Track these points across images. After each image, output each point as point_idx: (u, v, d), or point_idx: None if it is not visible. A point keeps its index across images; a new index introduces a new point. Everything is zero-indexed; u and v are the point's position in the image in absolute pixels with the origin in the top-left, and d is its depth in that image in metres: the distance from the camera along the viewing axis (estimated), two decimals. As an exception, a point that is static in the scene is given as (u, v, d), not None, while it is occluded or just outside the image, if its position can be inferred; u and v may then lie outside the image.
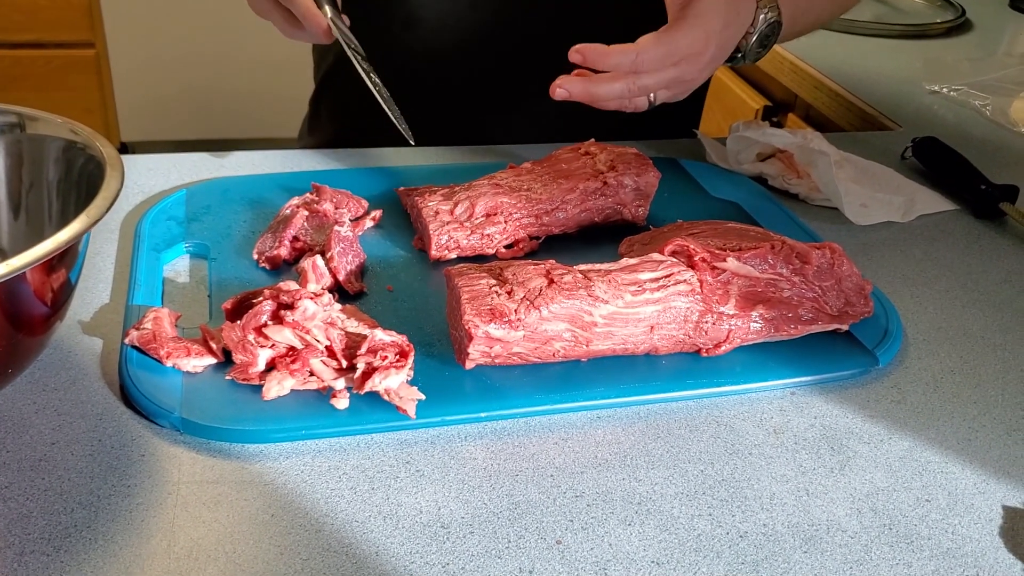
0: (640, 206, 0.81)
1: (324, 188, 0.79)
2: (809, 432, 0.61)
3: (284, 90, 2.77)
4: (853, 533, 0.54)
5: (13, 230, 0.66)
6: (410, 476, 0.56)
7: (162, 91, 2.75)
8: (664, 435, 0.60)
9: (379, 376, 0.58)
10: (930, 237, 0.87)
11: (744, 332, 0.65)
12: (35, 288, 0.54)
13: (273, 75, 2.76)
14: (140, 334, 0.62)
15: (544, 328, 0.61)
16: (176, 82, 2.75)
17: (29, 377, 0.61)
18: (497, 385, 0.62)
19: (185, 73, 2.74)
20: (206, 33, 2.68)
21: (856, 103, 1.20)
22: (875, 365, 0.67)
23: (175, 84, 2.75)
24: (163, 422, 0.58)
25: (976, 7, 1.62)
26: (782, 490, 0.57)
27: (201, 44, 2.70)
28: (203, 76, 2.75)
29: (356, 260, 0.72)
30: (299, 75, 2.73)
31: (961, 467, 0.60)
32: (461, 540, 0.52)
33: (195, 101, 2.79)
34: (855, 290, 0.69)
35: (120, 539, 0.50)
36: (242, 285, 0.70)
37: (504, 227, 0.76)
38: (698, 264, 0.65)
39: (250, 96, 2.79)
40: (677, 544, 0.52)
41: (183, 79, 2.75)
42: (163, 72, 2.72)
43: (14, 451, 0.55)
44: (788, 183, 0.91)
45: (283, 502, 0.53)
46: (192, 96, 2.78)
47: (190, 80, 2.75)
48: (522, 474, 0.56)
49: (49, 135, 0.65)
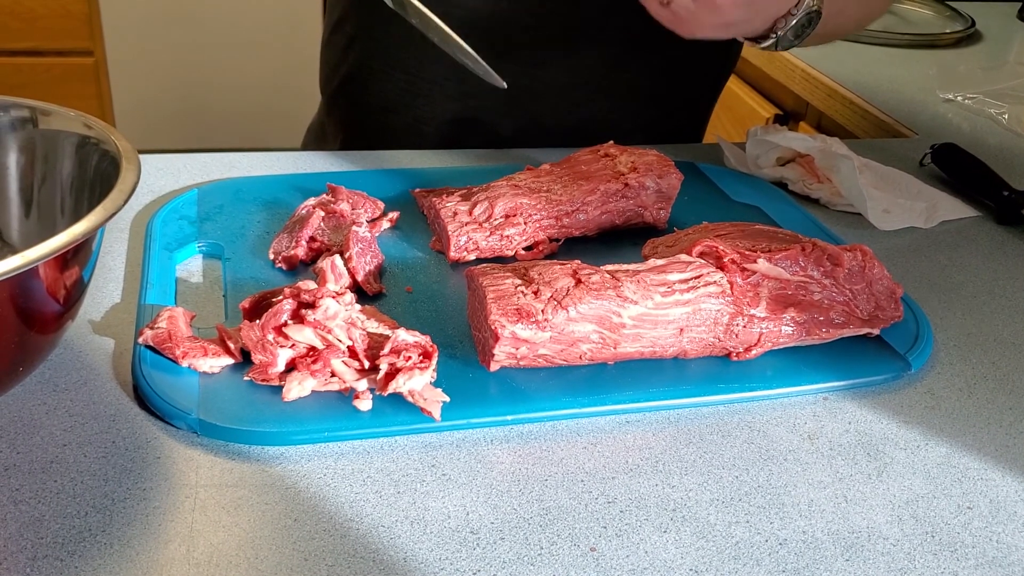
0: (662, 208, 0.80)
1: (340, 189, 0.77)
2: (844, 438, 0.60)
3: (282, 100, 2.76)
4: (895, 541, 0.52)
5: (24, 226, 0.64)
6: (436, 480, 0.54)
7: (161, 99, 2.73)
8: (696, 440, 0.58)
9: (403, 377, 0.56)
10: (953, 243, 0.85)
11: (775, 335, 0.64)
12: (48, 284, 0.52)
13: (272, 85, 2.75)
14: (155, 333, 0.60)
15: (571, 329, 0.60)
16: (175, 90, 2.73)
17: (39, 377, 0.59)
18: (522, 388, 0.60)
19: (184, 82, 2.72)
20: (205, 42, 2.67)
21: (871, 111, 1.19)
22: (907, 370, 0.65)
23: (174, 92, 2.73)
24: (179, 424, 0.56)
25: (984, 18, 1.61)
26: (820, 497, 0.55)
27: (200, 53, 2.69)
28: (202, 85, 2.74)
29: (375, 261, 0.70)
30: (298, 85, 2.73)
31: (1001, 474, 0.58)
32: (492, 546, 0.50)
33: (194, 110, 2.78)
34: (886, 294, 0.67)
35: (136, 544, 0.48)
36: (258, 285, 0.68)
37: (524, 228, 0.75)
38: (727, 266, 0.64)
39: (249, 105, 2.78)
40: (715, 552, 0.50)
41: (182, 87, 2.73)
42: (162, 80, 2.70)
43: (25, 452, 0.53)
44: (809, 188, 0.90)
45: (306, 506, 0.51)
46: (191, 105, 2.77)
47: (189, 89, 2.74)
48: (551, 479, 0.54)
49: (63, 130, 0.63)
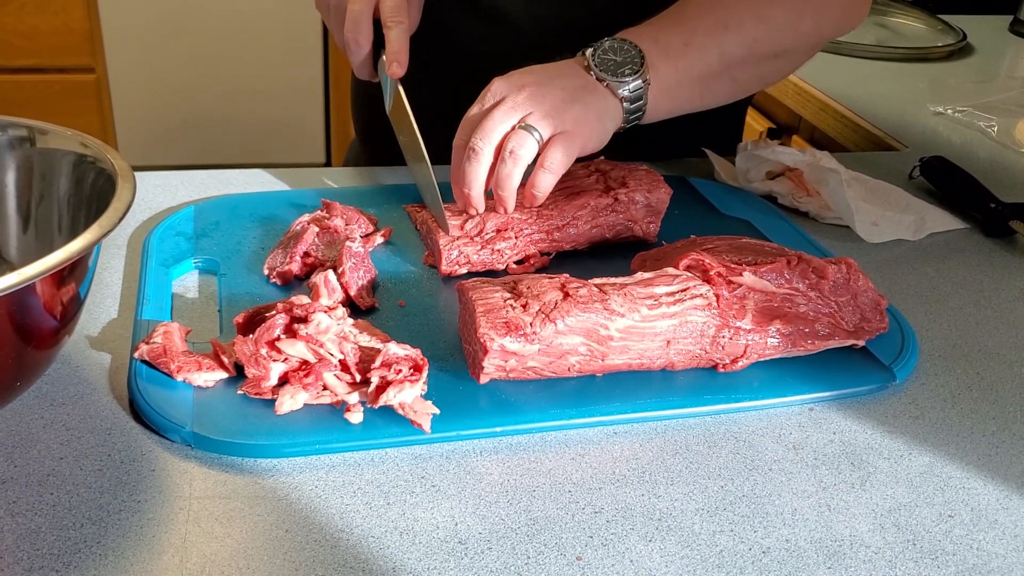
0: (651, 223, 0.81)
1: (334, 204, 0.79)
2: (828, 448, 0.61)
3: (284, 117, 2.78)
4: (877, 549, 0.53)
5: (22, 243, 0.65)
6: (426, 491, 0.55)
7: (162, 116, 2.75)
8: (682, 451, 0.59)
9: (393, 390, 0.57)
10: (941, 255, 0.86)
11: (761, 347, 0.65)
12: (45, 300, 0.53)
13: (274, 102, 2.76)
14: (150, 348, 0.61)
15: (560, 342, 0.61)
16: (176, 107, 2.75)
17: (37, 391, 0.60)
18: (512, 400, 0.61)
19: (185, 98, 2.74)
20: (207, 58, 2.68)
21: (862, 124, 1.20)
22: (892, 381, 0.66)
23: (175, 109, 2.75)
24: (174, 437, 0.57)
25: (976, 31, 1.63)
26: (803, 506, 0.56)
27: (202, 69, 2.70)
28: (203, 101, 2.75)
29: (368, 275, 0.71)
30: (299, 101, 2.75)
31: (983, 483, 0.59)
32: (480, 556, 0.50)
33: (195, 126, 2.79)
34: (871, 305, 0.68)
35: (131, 555, 0.49)
36: (253, 300, 0.69)
37: (515, 243, 0.76)
38: (714, 279, 0.65)
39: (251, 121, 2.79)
40: (700, 560, 0.51)
41: (183, 104, 2.75)
42: (163, 97, 2.72)
43: (22, 466, 0.54)
44: (798, 201, 0.91)
45: (297, 517, 0.52)
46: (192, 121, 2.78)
47: (190, 105, 2.75)
48: (539, 490, 0.55)
49: (60, 148, 0.64)
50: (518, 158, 0.71)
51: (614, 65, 0.75)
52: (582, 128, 0.73)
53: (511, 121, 0.71)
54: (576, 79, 0.75)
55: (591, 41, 0.77)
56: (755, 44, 0.81)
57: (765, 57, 0.83)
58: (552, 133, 0.71)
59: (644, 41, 0.77)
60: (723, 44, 0.79)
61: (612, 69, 0.75)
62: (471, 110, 0.73)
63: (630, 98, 0.76)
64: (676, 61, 0.78)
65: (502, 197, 0.73)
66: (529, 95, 0.72)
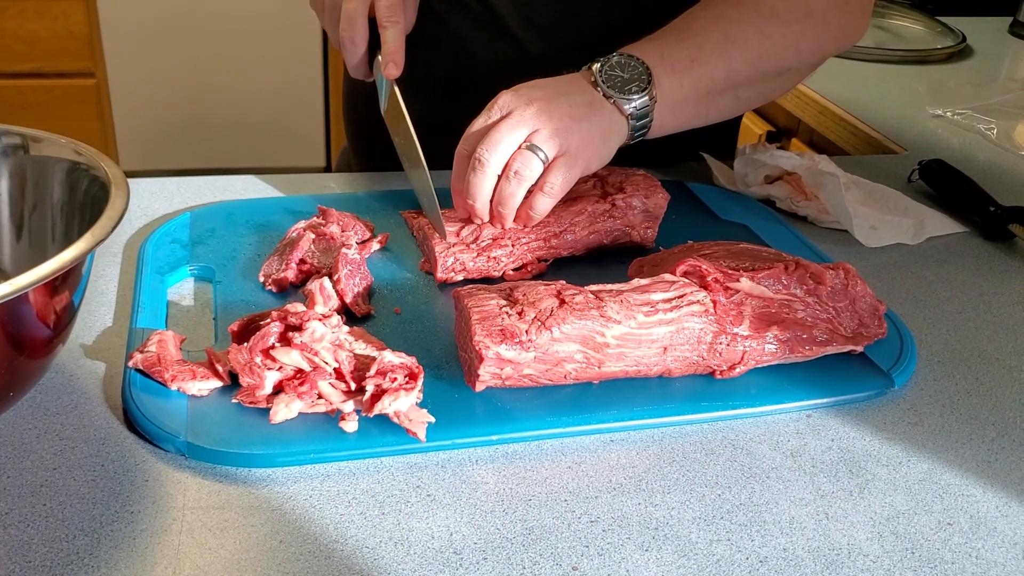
0: (649, 228, 0.81)
1: (330, 211, 0.78)
2: (826, 455, 0.60)
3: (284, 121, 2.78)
4: (875, 557, 0.53)
5: (16, 251, 0.65)
6: (421, 501, 0.54)
7: (163, 120, 2.75)
8: (679, 459, 0.59)
9: (388, 398, 0.57)
10: (940, 259, 0.86)
11: (759, 354, 0.64)
12: (38, 309, 0.53)
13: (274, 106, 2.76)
14: (144, 357, 0.60)
15: (555, 349, 0.60)
16: (177, 111, 2.75)
17: (30, 401, 0.60)
18: (508, 408, 0.61)
19: (185, 102, 2.74)
20: (206, 63, 2.69)
21: (861, 127, 1.20)
22: (891, 387, 0.66)
23: (175, 113, 2.75)
24: (168, 446, 0.56)
25: (976, 33, 1.62)
26: (801, 514, 0.55)
27: (202, 74, 2.70)
28: (204, 106, 2.76)
29: (363, 282, 0.71)
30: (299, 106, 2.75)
31: (982, 490, 0.58)
32: (474, 566, 0.50)
33: (196, 131, 2.79)
34: (869, 311, 0.68)
35: (123, 567, 0.49)
36: (248, 308, 0.69)
37: (511, 250, 0.76)
38: (711, 284, 0.64)
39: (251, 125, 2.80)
40: (696, 570, 0.51)
41: (184, 108, 2.75)
42: (163, 101, 2.72)
43: (15, 476, 0.54)
44: (796, 205, 0.91)
45: (291, 528, 0.52)
46: (193, 126, 2.78)
47: (191, 109, 2.76)
48: (535, 499, 0.55)
49: (53, 156, 0.64)
50: (522, 179, 0.70)
51: (621, 82, 0.75)
52: (586, 149, 0.73)
53: (517, 135, 0.71)
54: (583, 95, 0.74)
55: (591, 51, 0.77)
56: (759, 62, 0.80)
57: (769, 75, 0.83)
58: (557, 154, 0.71)
59: (651, 57, 0.76)
60: (729, 62, 0.79)
61: (619, 86, 0.75)
62: (476, 121, 0.73)
63: (636, 115, 0.75)
64: (682, 78, 0.77)
65: (502, 215, 0.73)
66: (537, 111, 0.71)
